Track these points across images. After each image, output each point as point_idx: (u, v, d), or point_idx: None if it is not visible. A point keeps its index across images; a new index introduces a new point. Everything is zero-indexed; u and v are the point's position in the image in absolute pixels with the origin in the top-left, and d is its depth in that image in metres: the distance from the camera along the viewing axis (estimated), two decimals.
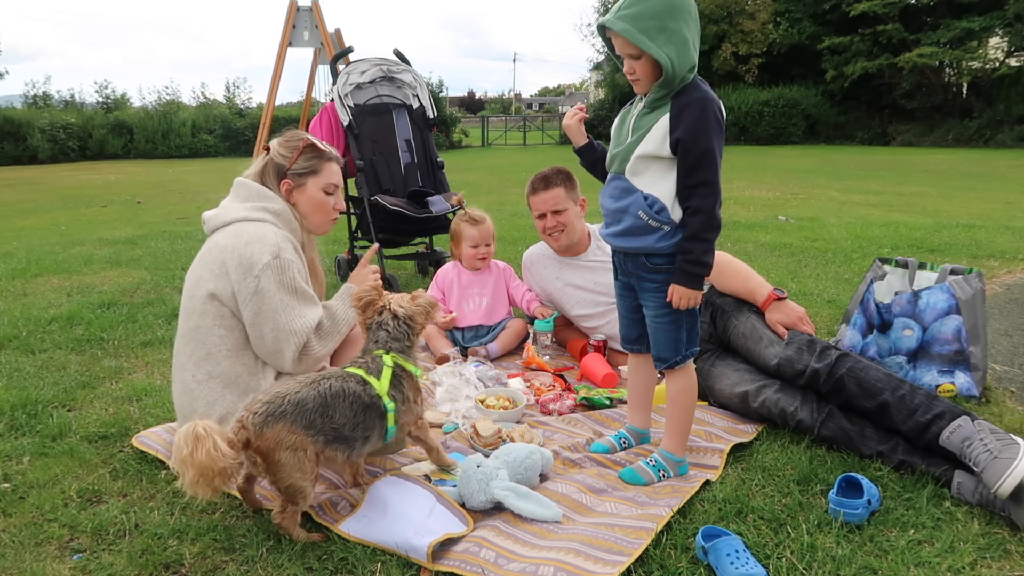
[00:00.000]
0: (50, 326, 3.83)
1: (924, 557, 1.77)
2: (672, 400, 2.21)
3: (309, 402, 1.82)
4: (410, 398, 2.05)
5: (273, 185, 2.30)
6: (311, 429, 1.81)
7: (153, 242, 6.58)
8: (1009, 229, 6.55)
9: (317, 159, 2.33)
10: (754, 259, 5.29)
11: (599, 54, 31.92)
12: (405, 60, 4.71)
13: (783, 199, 9.34)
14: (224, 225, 2.22)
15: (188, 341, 2.19)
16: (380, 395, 1.95)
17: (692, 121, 1.91)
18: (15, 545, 1.86)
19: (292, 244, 2.23)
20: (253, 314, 2.12)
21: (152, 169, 18.30)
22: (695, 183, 1.94)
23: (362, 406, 1.91)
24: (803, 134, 24.97)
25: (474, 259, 3.45)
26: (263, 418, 1.76)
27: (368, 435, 1.94)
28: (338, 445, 1.87)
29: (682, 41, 1.88)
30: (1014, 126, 20.69)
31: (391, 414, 1.97)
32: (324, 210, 2.36)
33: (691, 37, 1.91)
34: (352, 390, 1.90)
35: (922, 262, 2.99)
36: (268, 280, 2.10)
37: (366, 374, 1.96)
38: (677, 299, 2.02)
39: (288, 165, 2.29)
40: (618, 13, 1.90)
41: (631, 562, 1.72)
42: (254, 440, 1.75)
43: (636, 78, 1.99)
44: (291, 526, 1.83)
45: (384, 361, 2.00)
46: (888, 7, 22.77)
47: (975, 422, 2.05)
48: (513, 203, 8.84)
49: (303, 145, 2.31)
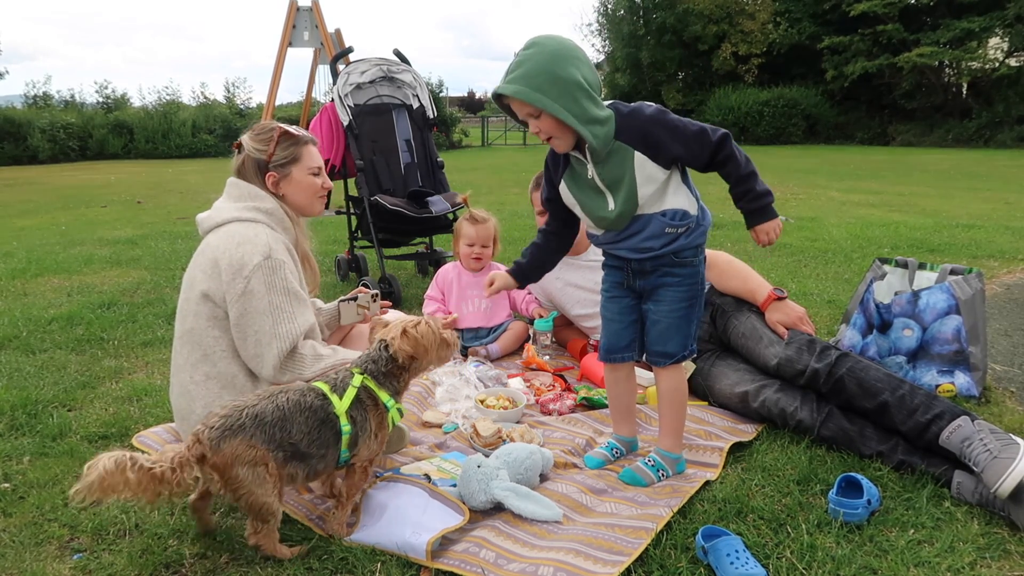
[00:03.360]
0: (50, 326, 3.83)
1: (924, 557, 1.77)
2: (667, 398, 2.20)
3: (268, 415, 1.73)
4: (371, 429, 1.89)
5: (258, 181, 2.25)
6: (271, 443, 1.71)
7: (153, 242, 6.58)
8: (1009, 229, 6.55)
9: (294, 146, 2.27)
10: (754, 259, 5.28)
11: (599, 54, 31.93)
12: (405, 60, 4.71)
13: (783, 199, 9.34)
14: (217, 226, 2.19)
15: (185, 343, 2.17)
16: (338, 414, 1.83)
17: (659, 135, 1.93)
18: (15, 545, 1.86)
19: (284, 244, 2.20)
20: (238, 315, 2.08)
21: (152, 169, 18.29)
22: (711, 154, 1.96)
23: (318, 421, 1.80)
24: (803, 134, 24.94)
25: (469, 258, 3.45)
26: (220, 432, 1.67)
27: (324, 453, 1.82)
28: (297, 462, 1.77)
29: (576, 86, 1.86)
30: (1014, 126, 20.67)
31: (345, 436, 1.84)
32: (313, 191, 2.32)
33: (585, 76, 1.88)
34: (310, 403, 1.80)
35: (922, 262, 2.99)
36: (258, 281, 2.06)
37: (330, 390, 1.86)
38: (765, 236, 2.06)
39: (267, 158, 2.23)
40: (508, 78, 1.88)
41: (631, 562, 1.72)
42: (210, 456, 1.65)
43: (549, 136, 1.95)
44: (270, 545, 1.74)
45: (352, 381, 1.89)
46: (888, 7, 22.75)
47: (975, 422, 2.05)
48: (513, 203, 8.83)
49: (277, 135, 2.24)
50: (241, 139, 2.30)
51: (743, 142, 24.47)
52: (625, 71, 28.45)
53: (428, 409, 2.73)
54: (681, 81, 28.73)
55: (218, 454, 1.66)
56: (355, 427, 1.86)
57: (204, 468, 1.67)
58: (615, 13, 28.99)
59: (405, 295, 4.35)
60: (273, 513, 1.72)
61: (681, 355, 2.14)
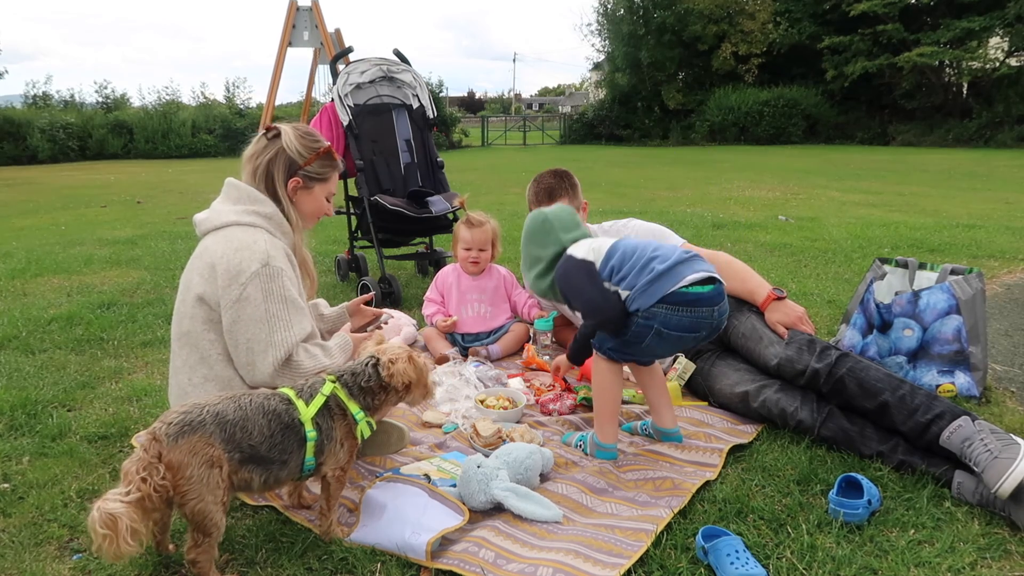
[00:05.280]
0: (50, 326, 3.83)
1: (924, 557, 1.77)
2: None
3: (229, 414, 1.69)
4: (336, 438, 1.85)
5: (267, 179, 2.20)
6: (229, 443, 1.67)
7: (153, 242, 6.58)
8: (1009, 229, 6.55)
9: (331, 168, 2.28)
10: (754, 259, 5.28)
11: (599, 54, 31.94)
12: (405, 60, 4.71)
13: (783, 199, 9.34)
14: (215, 229, 2.16)
15: (183, 345, 2.15)
16: (303, 420, 1.80)
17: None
18: (15, 545, 1.86)
19: (284, 250, 2.16)
20: (231, 322, 2.05)
21: (152, 169, 18.29)
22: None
23: (281, 426, 1.76)
24: (803, 134, 24.95)
25: (466, 262, 3.46)
26: (178, 428, 1.62)
27: (286, 459, 1.78)
28: (253, 465, 1.72)
29: (535, 260, 2.38)
30: (1014, 126, 20.67)
31: (310, 443, 1.80)
32: (319, 212, 2.32)
33: (551, 240, 2.34)
34: (273, 407, 1.77)
35: (922, 262, 2.99)
36: (255, 288, 2.02)
37: (295, 396, 1.83)
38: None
39: (302, 164, 2.20)
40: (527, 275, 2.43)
41: (630, 565, 1.72)
42: (166, 453, 1.59)
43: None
44: (206, 564, 1.65)
45: (322, 388, 1.86)
46: (888, 7, 22.75)
47: (975, 422, 2.05)
48: (513, 203, 8.83)
49: (324, 150, 2.24)
50: (283, 129, 2.22)
51: (743, 142, 24.69)
52: (625, 71, 28.45)
53: (428, 409, 2.73)
54: (681, 81, 28.73)
55: (174, 450, 1.60)
56: (321, 435, 1.82)
57: (157, 469, 1.59)
58: (615, 13, 28.97)
59: (405, 295, 4.35)
60: (216, 525, 1.65)
61: (596, 347, 2.27)
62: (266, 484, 1.78)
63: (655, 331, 2.09)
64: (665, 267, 2.08)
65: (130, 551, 1.50)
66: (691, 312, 2.08)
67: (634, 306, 2.11)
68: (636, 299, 2.10)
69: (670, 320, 2.08)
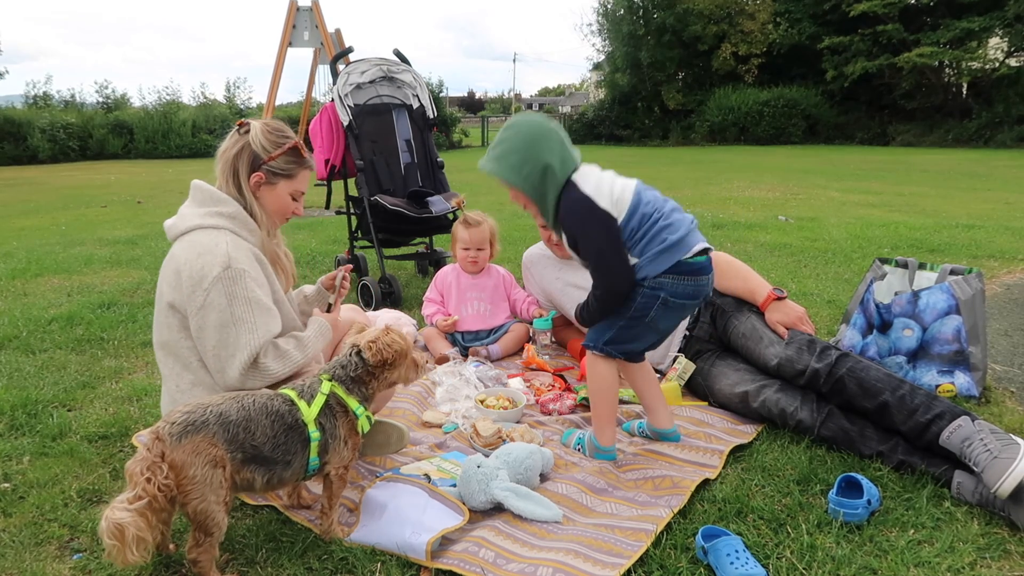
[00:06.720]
0: (50, 326, 3.83)
1: (924, 557, 1.77)
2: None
3: (232, 414, 1.70)
4: (340, 436, 1.86)
5: (243, 173, 2.16)
6: (232, 444, 1.67)
7: (153, 242, 6.58)
8: (1009, 229, 6.55)
9: (296, 165, 2.21)
10: (754, 259, 5.29)
11: (599, 54, 31.93)
12: (405, 60, 4.71)
13: (783, 199, 9.34)
14: (181, 234, 2.14)
15: (166, 354, 2.13)
16: (306, 421, 1.81)
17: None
18: (15, 545, 1.86)
19: (249, 250, 2.11)
20: (198, 328, 2.02)
21: (152, 169, 18.29)
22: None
23: (284, 427, 1.77)
24: (803, 134, 24.95)
25: (465, 261, 3.47)
26: (182, 428, 1.63)
27: (290, 459, 1.78)
28: (256, 466, 1.72)
29: (524, 160, 2.15)
30: (1014, 126, 20.66)
31: (314, 444, 1.81)
32: (285, 212, 2.26)
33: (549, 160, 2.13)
34: (276, 408, 1.78)
35: (922, 262, 2.99)
36: (218, 293, 1.99)
37: (297, 397, 1.83)
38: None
39: (266, 159, 2.16)
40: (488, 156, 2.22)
41: (630, 565, 1.72)
42: (169, 453, 1.60)
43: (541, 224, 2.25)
44: (207, 564, 1.66)
45: (321, 388, 1.87)
46: (888, 7, 22.74)
47: (975, 422, 2.05)
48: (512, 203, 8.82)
49: (288, 146, 2.18)
50: (251, 124, 2.21)
51: (743, 142, 24.67)
52: (625, 71, 28.46)
53: (428, 409, 2.73)
54: (681, 81, 28.74)
55: (178, 449, 1.61)
56: (324, 434, 1.83)
57: (160, 468, 1.60)
58: (615, 13, 28.97)
59: (405, 295, 4.35)
60: (218, 525, 1.65)
61: (591, 345, 2.24)
62: (269, 484, 1.79)
63: (662, 300, 2.10)
64: (677, 237, 2.08)
65: (137, 560, 1.52)
66: (694, 281, 2.11)
67: (641, 274, 2.09)
68: (644, 267, 2.09)
69: (677, 289, 2.10)
